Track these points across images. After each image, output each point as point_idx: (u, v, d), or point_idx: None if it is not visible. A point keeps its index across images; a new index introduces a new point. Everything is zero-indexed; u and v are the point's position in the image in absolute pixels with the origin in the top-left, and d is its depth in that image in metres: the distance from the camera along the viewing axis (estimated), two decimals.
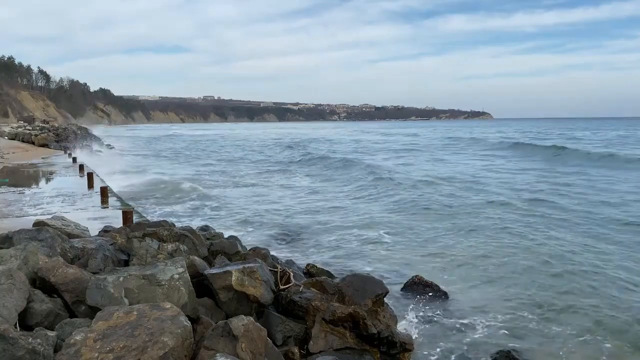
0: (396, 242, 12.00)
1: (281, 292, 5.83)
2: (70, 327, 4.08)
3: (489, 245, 11.46)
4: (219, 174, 29.12)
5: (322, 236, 12.61)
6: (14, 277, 4.30)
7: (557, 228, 13.02)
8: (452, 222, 14.06)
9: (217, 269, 5.63)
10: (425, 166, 33.13)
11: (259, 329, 4.24)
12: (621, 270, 9.48)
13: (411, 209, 16.42)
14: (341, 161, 34.86)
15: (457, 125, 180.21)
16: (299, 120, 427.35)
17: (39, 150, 36.55)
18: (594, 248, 11.01)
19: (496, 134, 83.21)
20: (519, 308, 7.81)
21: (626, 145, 50.78)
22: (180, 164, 38.16)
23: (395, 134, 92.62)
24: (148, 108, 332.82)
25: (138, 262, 5.64)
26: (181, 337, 3.72)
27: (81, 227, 8.18)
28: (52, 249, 5.62)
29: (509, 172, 27.99)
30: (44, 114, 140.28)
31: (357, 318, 5.47)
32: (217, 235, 8.50)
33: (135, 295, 4.49)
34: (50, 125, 74.93)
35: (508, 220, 14.15)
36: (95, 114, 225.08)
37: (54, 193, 15.08)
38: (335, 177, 26.78)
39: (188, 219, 14.28)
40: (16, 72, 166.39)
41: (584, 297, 8.17)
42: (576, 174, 25.72)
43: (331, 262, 10.25)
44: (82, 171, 20.59)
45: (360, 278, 6.03)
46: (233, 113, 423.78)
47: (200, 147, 61.53)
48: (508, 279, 9.15)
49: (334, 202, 18.10)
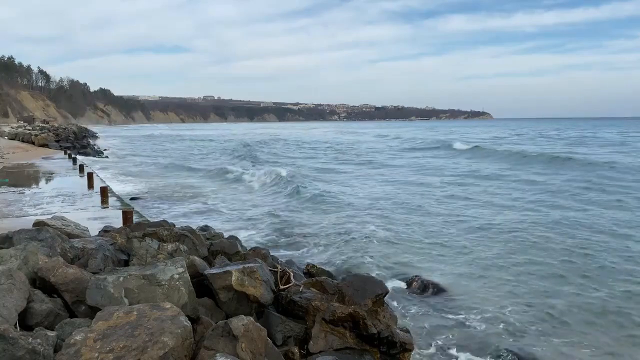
0: (395, 241, 11.99)
1: (281, 292, 5.83)
2: (70, 327, 4.07)
3: (489, 245, 11.46)
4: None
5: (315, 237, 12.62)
6: (14, 277, 4.30)
7: (558, 226, 13.03)
8: (452, 222, 14.06)
9: (217, 269, 5.62)
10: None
11: (259, 329, 4.24)
12: (622, 267, 9.49)
13: (411, 209, 16.43)
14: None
15: (448, 126, 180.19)
16: (299, 120, 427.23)
17: (39, 150, 36.54)
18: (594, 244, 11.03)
19: (470, 135, 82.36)
20: (519, 307, 7.82)
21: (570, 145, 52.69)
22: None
23: (364, 134, 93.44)
24: (148, 108, 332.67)
25: (138, 262, 5.64)
26: (181, 337, 3.72)
27: (81, 227, 8.18)
28: (52, 249, 5.62)
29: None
30: (44, 114, 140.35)
31: (357, 318, 5.46)
32: (217, 235, 8.50)
33: (135, 295, 4.49)
34: (50, 125, 74.96)
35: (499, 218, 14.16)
36: (95, 114, 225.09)
37: (54, 193, 15.09)
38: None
39: (186, 219, 14.29)
40: (16, 72, 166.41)
41: (584, 297, 8.18)
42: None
43: (331, 262, 10.25)
44: (82, 171, 20.60)
45: (360, 278, 6.03)
46: (233, 113, 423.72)
47: (149, 146, 61.61)
48: (508, 279, 9.15)
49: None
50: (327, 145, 61.02)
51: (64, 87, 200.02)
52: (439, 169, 30.08)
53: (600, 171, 25.76)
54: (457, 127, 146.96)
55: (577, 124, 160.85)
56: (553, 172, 26.65)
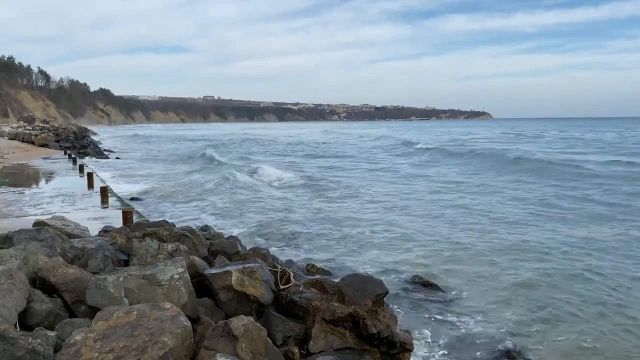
0: (395, 241, 11.99)
1: (281, 292, 5.83)
2: (70, 327, 4.07)
3: (489, 246, 11.46)
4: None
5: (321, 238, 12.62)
6: (14, 277, 4.30)
7: (559, 225, 13.04)
8: (452, 223, 14.06)
9: (217, 269, 5.62)
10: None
11: (259, 329, 4.24)
12: (622, 270, 9.49)
13: (410, 206, 16.44)
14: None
15: (446, 126, 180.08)
16: (299, 120, 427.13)
17: (39, 150, 36.53)
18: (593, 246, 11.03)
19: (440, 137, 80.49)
20: (519, 308, 7.81)
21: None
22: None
23: (349, 134, 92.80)
24: (148, 108, 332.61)
25: (138, 262, 5.64)
26: (181, 337, 3.72)
27: (81, 227, 8.18)
28: (52, 249, 5.62)
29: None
30: (44, 114, 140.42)
31: (357, 318, 5.47)
32: (217, 235, 8.50)
33: (135, 295, 4.49)
34: (50, 125, 74.96)
35: (500, 219, 14.17)
36: (95, 114, 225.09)
37: (54, 193, 15.09)
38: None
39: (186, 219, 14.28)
40: (16, 72, 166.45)
41: (584, 297, 8.17)
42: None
43: (331, 262, 10.25)
44: (82, 171, 20.60)
45: (360, 278, 6.03)
46: (233, 113, 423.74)
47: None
48: (508, 279, 9.15)
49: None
50: (302, 145, 61.50)
51: (64, 87, 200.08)
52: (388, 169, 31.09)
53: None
54: (455, 127, 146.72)
55: (576, 124, 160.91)
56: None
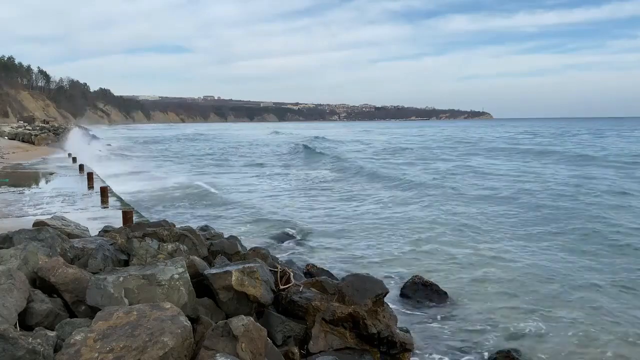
0: (394, 242, 11.99)
1: (281, 292, 5.83)
2: (70, 327, 4.08)
3: (488, 245, 11.46)
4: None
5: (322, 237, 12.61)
6: (14, 277, 4.30)
7: (558, 223, 13.03)
8: (452, 223, 14.06)
9: (217, 269, 5.62)
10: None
11: (259, 329, 4.24)
12: (622, 271, 9.49)
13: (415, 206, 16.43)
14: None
15: (444, 126, 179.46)
16: (299, 120, 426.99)
17: (39, 150, 36.57)
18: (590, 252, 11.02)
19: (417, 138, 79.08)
20: (519, 308, 7.81)
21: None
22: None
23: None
24: (148, 108, 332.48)
25: (138, 262, 5.63)
26: (181, 337, 3.72)
27: (81, 227, 8.19)
28: (52, 249, 5.62)
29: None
30: (44, 114, 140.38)
31: (357, 318, 5.47)
32: (217, 235, 8.50)
33: (135, 295, 4.49)
34: (50, 125, 74.98)
35: (501, 219, 14.16)
36: (95, 114, 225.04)
37: (54, 193, 15.09)
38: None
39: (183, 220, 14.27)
40: (16, 72, 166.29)
41: (584, 297, 8.17)
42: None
43: (331, 262, 10.24)
44: (82, 171, 20.60)
45: (360, 278, 6.03)
46: (233, 113, 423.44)
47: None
48: (508, 279, 9.15)
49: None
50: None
51: (64, 87, 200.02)
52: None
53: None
54: (451, 127, 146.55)
55: (576, 124, 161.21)
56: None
